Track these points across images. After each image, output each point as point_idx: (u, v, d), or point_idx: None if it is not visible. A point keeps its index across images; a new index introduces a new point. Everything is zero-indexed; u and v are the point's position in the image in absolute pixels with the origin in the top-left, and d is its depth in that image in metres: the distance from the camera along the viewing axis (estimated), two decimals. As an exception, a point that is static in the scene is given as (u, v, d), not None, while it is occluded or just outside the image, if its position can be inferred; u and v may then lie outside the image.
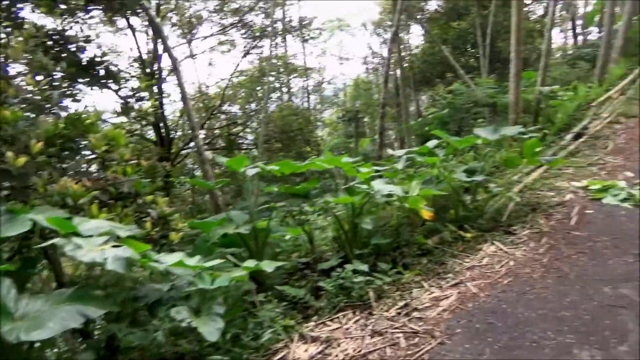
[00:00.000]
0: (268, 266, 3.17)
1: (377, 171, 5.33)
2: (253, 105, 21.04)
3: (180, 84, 6.39)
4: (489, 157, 6.72)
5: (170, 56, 6.86)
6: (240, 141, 20.89)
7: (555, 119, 8.12)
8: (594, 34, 20.00)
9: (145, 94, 7.36)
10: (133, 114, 6.68)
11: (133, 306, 3.34)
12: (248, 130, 21.17)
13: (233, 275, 3.15)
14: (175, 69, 6.68)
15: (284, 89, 26.12)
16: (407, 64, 20.13)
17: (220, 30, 19.66)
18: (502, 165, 6.16)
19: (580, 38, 20.53)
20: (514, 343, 2.91)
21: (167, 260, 3.05)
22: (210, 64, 21.30)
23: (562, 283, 3.60)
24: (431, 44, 18.01)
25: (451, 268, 4.05)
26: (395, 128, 21.68)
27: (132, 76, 12.67)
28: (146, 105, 7.22)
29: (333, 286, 3.62)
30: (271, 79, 21.45)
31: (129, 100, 7.12)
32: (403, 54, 21.98)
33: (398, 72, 20.45)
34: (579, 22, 21.99)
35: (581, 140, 7.35)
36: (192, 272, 3.06)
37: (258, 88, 20.59)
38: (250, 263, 3.20)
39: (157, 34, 6.35)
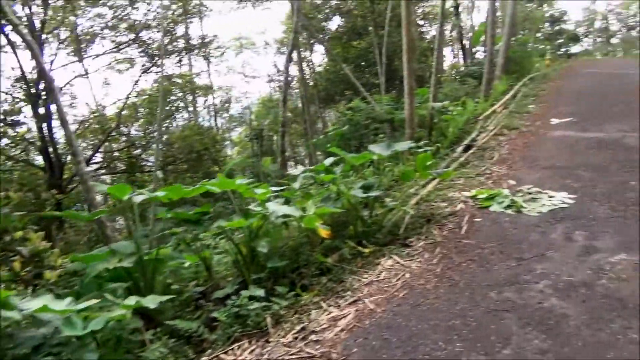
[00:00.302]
0: (151, 302, 2.93)
1: (276, 191, 5.27)
2: (156, 126, 20.23)
3: (58, 106, 5.87)
4: (388, 172, 6.96)
5: (44, 75, 6.29)
6: (143, 163, 19.87)
7: (447, 133, 8.66)
8: (481, 52, 21.89)
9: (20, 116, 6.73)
10: (5, 140, 6.04)
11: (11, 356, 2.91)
12: (151, 151, 20.21)
13: (111, 316, 2.87)
14: (50, 90, 6.14)
15: (190, 108, 25.44)
16: (311, 82, 20.57)
17: (114, 47, 18.71)
18: (400, 179, 6.40)
19: (469, 57, 22.32)
20: (407, 357, 2.93)
21: (31, 305, 2.71)
22: (106, 83, 20.13)
23: (453, 291, 3.74)
24: (333, 63, 18.56)
25: (350, 285, 4.06)
26: (304, 145, 21.98)
27: (14, 97, 11.57)
28: (22, 129, 6.59)
29: (228, 315, 3.44)
30: (173, 98, 20.79)
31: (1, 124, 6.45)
32: (308, 72, 22.45)
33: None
34: (469, 42, 23.97)
35: (470, 152, 7.88)
36: (60, 317, 2.74)
37: (159, 108, 19.88)
38: (131, 300, 2.94)
39: (31, 51, 5.80)
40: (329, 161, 5.41)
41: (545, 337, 2.99)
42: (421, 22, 20.36)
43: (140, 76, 18.35)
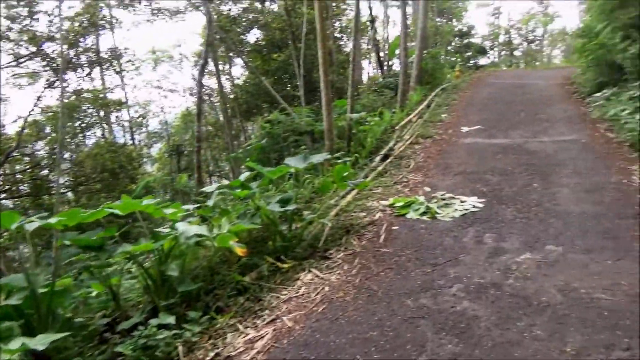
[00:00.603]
0: (41, 343, 2.63)
1: (191, 209, 5.05)
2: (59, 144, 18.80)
3: None
4: (308, 184, 6.95)
5: None
6: (50, 185, 18.44)
7: (365, 143, 8.85)
8: (397, 64, 22.81)
9: None
10: None
11: None
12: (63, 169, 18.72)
13: (-7, 362, 2.54)
14: None
15: (104, 125, 24.09)
16: (232, 95, 20.31)
17: (13, 61, 17.31)
18: (318, 192, 6.40)
19: (386, 69, 23.16)
20: (325, 375, 2.87)
21: None
22: (4, 99, 18.51)
23: (371, 302, 3.75)
24: (253, 75, 18.46)
25: (268, 304, 3.94)
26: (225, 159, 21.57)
27: None
28: None
29: (134, 348, 3.19)
30: (83, 114, 19.57)
31: None
32: (228, 85, 22.14)
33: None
34: (386, 54, 24.87)
35: (388, 161, 8.10)
36: None
37: (69, 124, 18.62)
38: (16, 343, 2.62)
39: None
40: (244, 176, 5.29)
41: (457, 341, 3.06)
42: (339, 35, 20.84)
43: (43, 91, 17.06)
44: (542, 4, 38.07)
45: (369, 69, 31.14)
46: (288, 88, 18.17)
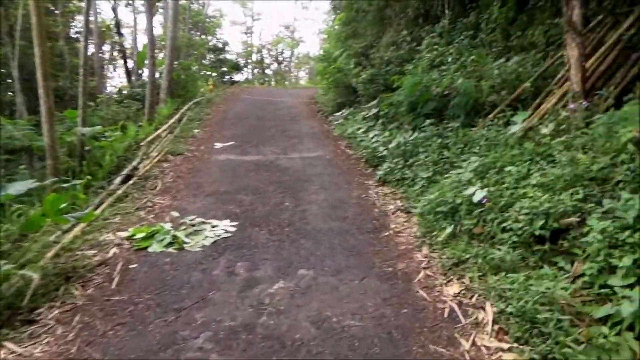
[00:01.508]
0: None
1: None
2: None
3: None
4: (17, 217, 5.43)
5: None
6: None
7: (103, 162, 7.60)
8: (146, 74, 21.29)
9: None
10: None
11: None
12: None
13: None
14: None
15: None
16: None
17: None
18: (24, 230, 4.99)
19: (135, 78, 21.42)
20: None
21: None
22: None
23: (90, 379, 2.86)
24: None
25: None
26: None
27: None
28: None
29: None
30: None
31: None
32: None
33: None
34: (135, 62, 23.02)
35: (131, 182, 7.07)
36: None
37: None
38: None
39: None
40: None
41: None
42: (75, 36, 18.28)
43: None
44: (289, 29, 41.73)
45: (120, 79, 28.53)
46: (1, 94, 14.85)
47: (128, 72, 20.89)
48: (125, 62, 20.96)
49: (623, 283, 2.99)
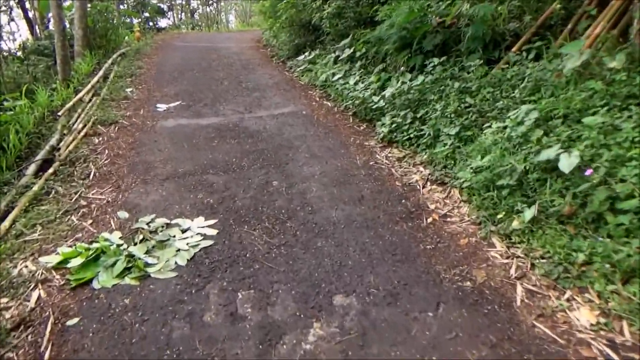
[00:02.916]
0: None
1: None
2: None
3: None
4: None
5: None
6: None
7: (7, 144, 5.64)
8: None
9: None
10: None
11: None
12: None
13: None
14: None
15: None
16: None
17: None
18: None
19: (40, 29, 18.24)
20: None
21: None
22: None
23: None
24: None
25: None
26: None
27: None
28: None
29: None
30: None
31: None
32: None
33: None
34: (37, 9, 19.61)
35: (51, 171, 5.22)
36: None
37: None
38: None
39: None
40: None
41: None
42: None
43: None
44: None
45: (21, 32, 24.63)
46: None
47: (29, 22, 17.70)
48: (24, 9, 17.69)
49: None
